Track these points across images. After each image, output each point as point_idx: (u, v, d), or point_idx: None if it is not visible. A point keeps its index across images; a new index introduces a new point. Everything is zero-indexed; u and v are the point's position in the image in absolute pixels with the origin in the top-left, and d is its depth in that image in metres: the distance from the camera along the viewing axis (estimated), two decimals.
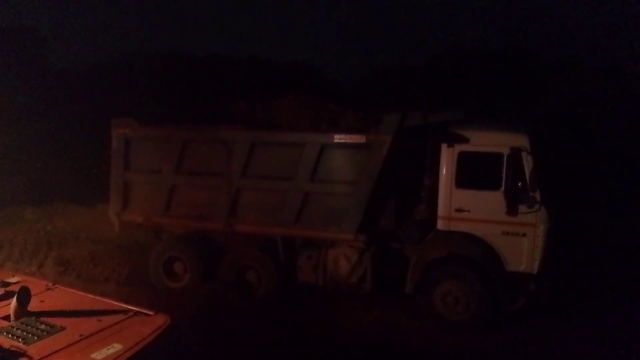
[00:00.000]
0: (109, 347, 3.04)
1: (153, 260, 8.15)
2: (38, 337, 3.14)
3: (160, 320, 3.49)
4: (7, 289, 3.89)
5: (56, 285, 4.17)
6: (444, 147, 6.80)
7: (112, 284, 8.03)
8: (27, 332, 3.17)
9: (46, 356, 2.93)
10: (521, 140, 6.48)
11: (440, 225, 6.86)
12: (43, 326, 3.27)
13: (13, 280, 4.23)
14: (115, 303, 3.84)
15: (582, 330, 6.70)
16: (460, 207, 6.72)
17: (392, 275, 7.10)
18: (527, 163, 6.40)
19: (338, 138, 6.96)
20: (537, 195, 6.36)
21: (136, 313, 3.57)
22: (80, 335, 3.17)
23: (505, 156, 6.48)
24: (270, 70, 19.83)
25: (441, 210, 6.83)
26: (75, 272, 8.56)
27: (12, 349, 2.99)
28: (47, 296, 3.89)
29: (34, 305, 3.57)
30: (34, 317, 3.37)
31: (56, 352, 2.98)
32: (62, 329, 3.26)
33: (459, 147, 6.72)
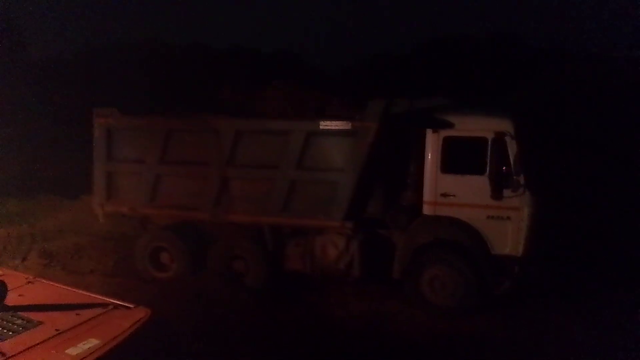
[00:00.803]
0: (85, 342, 2.96)
1: (139, 251, 8.08)
2: (13, 332, 3.06)
3: (140, 314, 3.42)
4: None
5: (37, 279, 4.09)
6: (429, 132, 6.81)
7: (98, 275, 7.97)
8: (2, 327, 3.10)
9: (19, 352, 2.84)
10: (505, 125, 6.51)
11: (426, 210, 6.89)
12: (19, 321, 3.20)
13: None
14: (96, 296, 3.77)
15: (567, 311, 6.79)
16: (446, 192, 6.75)
17: (380, 262, 7.12)
18: (512, 147, 6.44)
19: (323, 125, 6.93)
20: (522, 179, 6.41)
21: (116, 306, 3.51)
22: (57, 330, 3.10)
23: (489, 141, 6.50)
24: (255, 59, 19.67)
25: (427, 195, 6.85)
26: (60, 264, 8.49)
27: None
28: (27, 290, 3.81)
29: (12, 299, 3.50)
30: (10, 312, 3.29)
31: (30, 348, 2.89)
32: (39, 323, 3.19)
33: (444, 133, 6.73)
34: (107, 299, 3.67)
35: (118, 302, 3.58)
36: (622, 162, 11.11)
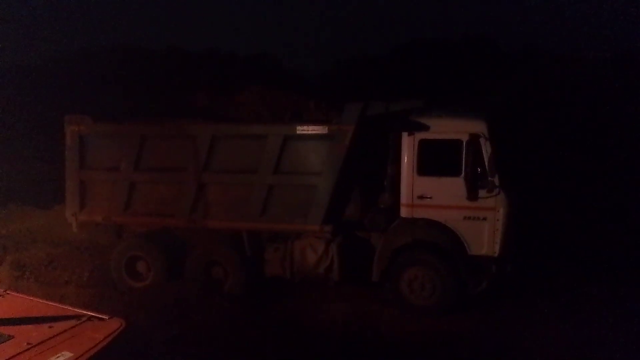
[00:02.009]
0: (58, 355, 2.93)
1: (114, 261, 7.93)
2: None
3: (114, 325, 3.38)
4: None
5: (7, 292, 4.00)
6: (404, 135, 6.86)
7: (73, 286, 7.77)
8: None
9: None
10: (479, 127, 6.59)
11: (404, 212, 6.93)
12: None
13: None
14: (69, 308, 3.71)
15: (544, 309, 6.90)
16: (422, 194, 6.81)
17: (359, 264, 7.14)
18: (486, 149, 6.53)
19: (300, 129, 6.92)
20: (496, 180, 6.50)
21: (90, 318, 3.46)
22: (29, 344, 3.04)
23: (464, 143, 6.58)
24: (231, 62, 19.54)
25: (404, 198, 6.90)
26: (33, 275, 8.25)
27: None
28: None
29: None
30: None
31: None
32: (10, 337, 3.12)
33: (419, 135, 6.79)
34: (81, 311, 3.61)
35: (92, 314, 3.52)
36: (596, 159, 11.36)
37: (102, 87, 15.93)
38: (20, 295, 4.03)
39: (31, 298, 4.01)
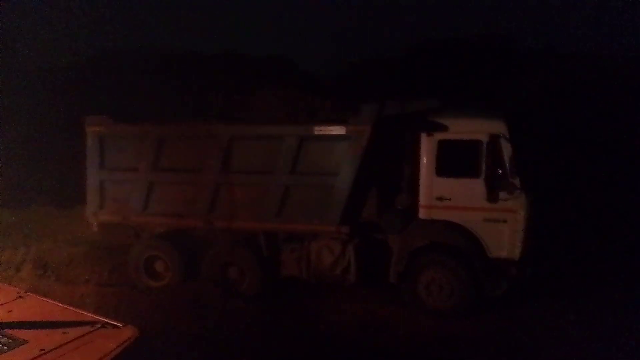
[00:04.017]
0: None
1: (133, 260, 8.01)
2: None
3: (127, 334, 3.35)
4: None
5: (28, 294, 4.04)
6: (423, 136, 6.79)
7: (93, 285, 7.87)
8: None
9: None
10: (499, 127, 6.50)
11: (422, 214, 6.87)
12: (5, 339, 3.14)
13: None
14: (85, 314, 3.71)
15: (564, 313, 6.78)
16: (441, 195, 6.74)
17: (376, 266, 7.10)
18: (506, 150, 6.43)
19: (317, 130, 6.91)
20: (517, 182, 6.40)
21: (104, 325, 3.44)
22: (41, 350, 3.03)
23: (484, 143, 6.50)
24: (247, 64, 19.62)
25: (422, 199, 6.84)
26: (54, 274, 8.40)
27: None
28: (16, 305, 3.76)
29: (0, 315, 3.45)
30: None
31: None
32: (24, 342, 3.12)
33: (438, 136, 6.73)
34: (96, 317, 3.60)
35: (106, 321, 3.51)
36: (618, 161, 11.14)
37: (121, 88, 16.14)
38: (40, 298, 4.05)
39: (49, 301, 4.02)
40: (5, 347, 3.06)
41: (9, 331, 3.24)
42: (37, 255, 9.09)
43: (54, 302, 3.99)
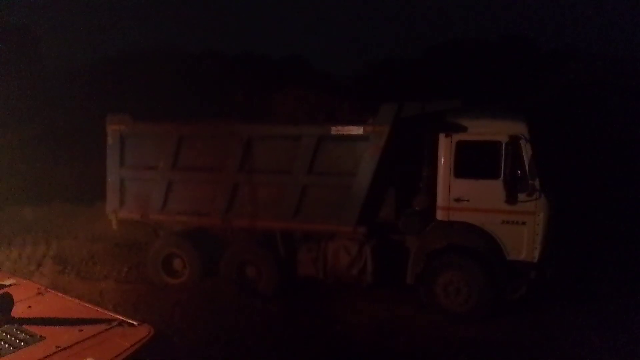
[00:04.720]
0: None
1: (152, 257, 8.11)
2: (14, 347, 3.06)
3: (142, 332, 3.36)
4: (4, 291, 3.80)
5: (47, 290, 4.10)
6: (441, 136, 6.74)
7: (112, 281, 7.99)
8: (5, 342, 3.10)
9: None
10: (520, 128, 6.42)
11: (440, 215, 6.82)
12: (22, 335, 3.20)
13: (8, 282, 4.17)
14: (103, 311, 3.75)
15: (584, 317, 6.67)
16: (459, 196, 6.67)
17: (393, 267, 7.06)
18: (526, 151, 6.35)
19: (335, 130, 6.91)
20: (537, 183, 6.32)
21: (120, 323, 3.45)
22: (57, 347, 3.08)
23: (503, 144, 6.42)
24: (265, 65, 19.74)
25: (440, 200, 6.78)
26: (74, 271, 8.54)
27: None
28: (36, 302, 3.82)
29: (20, 311, 3.51)
30: (16, 325, 3.30)
31: None
32: (41, 339, 3.18)
33: (457, 137, 6.67)
34: (113, 315, 3.63)
35: (122, 319, 3.54)
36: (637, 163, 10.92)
37: (143, 88, 16.36)
38: (59, 294, 4.10)
39: (68, 298, 4.06)
40: (23, 343, 3.11)
41: (27, 327, 3.29)
42: (57, 251, 9.28)
43: (72, 298, 4.04)
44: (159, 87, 16.47)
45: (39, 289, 4.10)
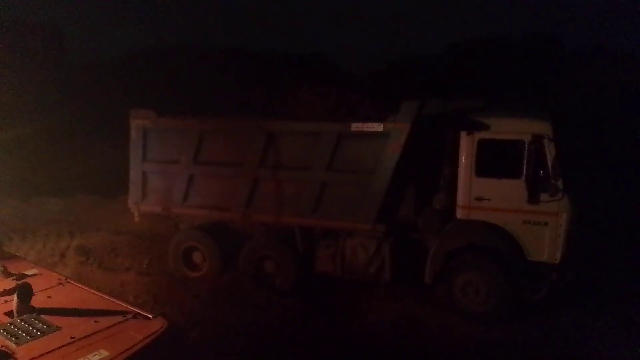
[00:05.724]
0: (95, 353, 3.02)
1: (172, 250, 8.22)
2: (31, 336, 3.15)
3: (156, 325, 3.41)
4: (23, 281, 3.90)
5: (68, 280, 4.18)
6: (463, 134, 6.67)
7: (133, 273, 8.14)
8: (23, 331, 3.19)
9: (32, 359, 2.93)
10: (543, 128, 6.32)
11: (460, 214, 6.75)
12: (40, 325, 3.28)
13: (31, 272, 4.28)
14: (119, 303, 3.81)
15: (605, 319, 6.55)
16: (480, 195, 6.60)
17: (411, 266, 7.01)
18: (550, 151, 6.24)
19: (355, 127, 6.89)
20: (560, 184, 6.20)
21: (135, 315, 3.53)
22: (72, 338, 3.16)
23: (526, 143, 6.33)
24: (287, 62, 19.78)
25: (461, 199, 6.72)
26: (97, 262, 8.71)
27: (2, 348, 3.01)
28: (56, 292, 3.91)
29: (39, 301, 3.59)
30: (34, 315, 3.39)
31: (42, 355, 2.98)
32: (57, 329, 3.26)
33: (479, 135, 6.59)
34: (129, 307, 3.69)
35: (138, 311, 3.59)
36: None
37: (166, 84, 16.57)
38: (78, 285, 4.16)
39: (87, 288, 4.12)
40: (39, 333, 3.20)
41: (45, 317, 3.38)
42: (80, 243, 9.49)
43: (90, 289, 4.11)
44: (182, 83, 16.65)
45: (59, 279, 4.20)
